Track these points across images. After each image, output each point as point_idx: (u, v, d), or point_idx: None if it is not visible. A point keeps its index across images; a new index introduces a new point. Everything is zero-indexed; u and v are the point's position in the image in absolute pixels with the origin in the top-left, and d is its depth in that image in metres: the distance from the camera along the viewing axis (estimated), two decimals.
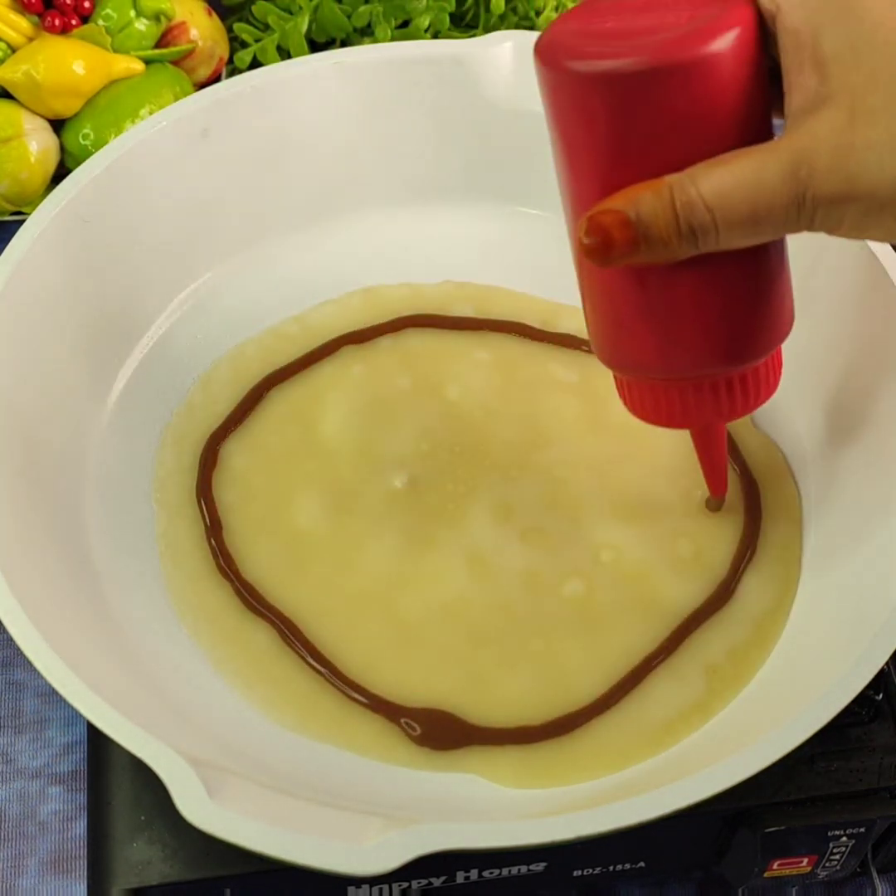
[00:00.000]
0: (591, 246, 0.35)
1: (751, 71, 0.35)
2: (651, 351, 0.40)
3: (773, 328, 0.40)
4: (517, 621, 0.47)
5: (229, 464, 0.51)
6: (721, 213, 0.33)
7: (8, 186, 0.61)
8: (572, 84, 0.35)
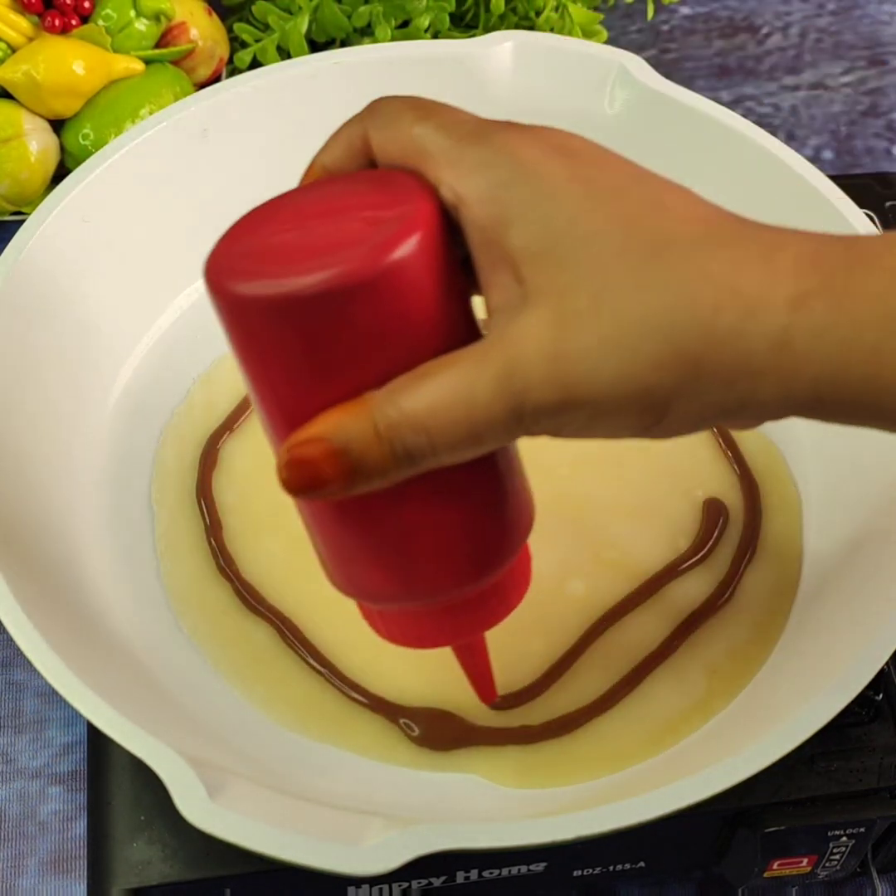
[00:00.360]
0: (295, 481, 0.31)
1: (440, 270, 0.31)
2: (387, 579, 0.35)
3: (515, 528, 0.37)
4: (518, 621, 0.47)
5: (229, 464, 0.51)
6: (437, 433, 0.30)
7: (8, 186, 0.61)
8: (251, 309, 0.31)
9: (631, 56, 0.53)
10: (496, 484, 0.35)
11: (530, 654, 0.46)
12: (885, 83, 0.78)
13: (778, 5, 0.82)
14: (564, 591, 0.48)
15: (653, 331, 0.29)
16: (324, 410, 0.31)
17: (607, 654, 0.46)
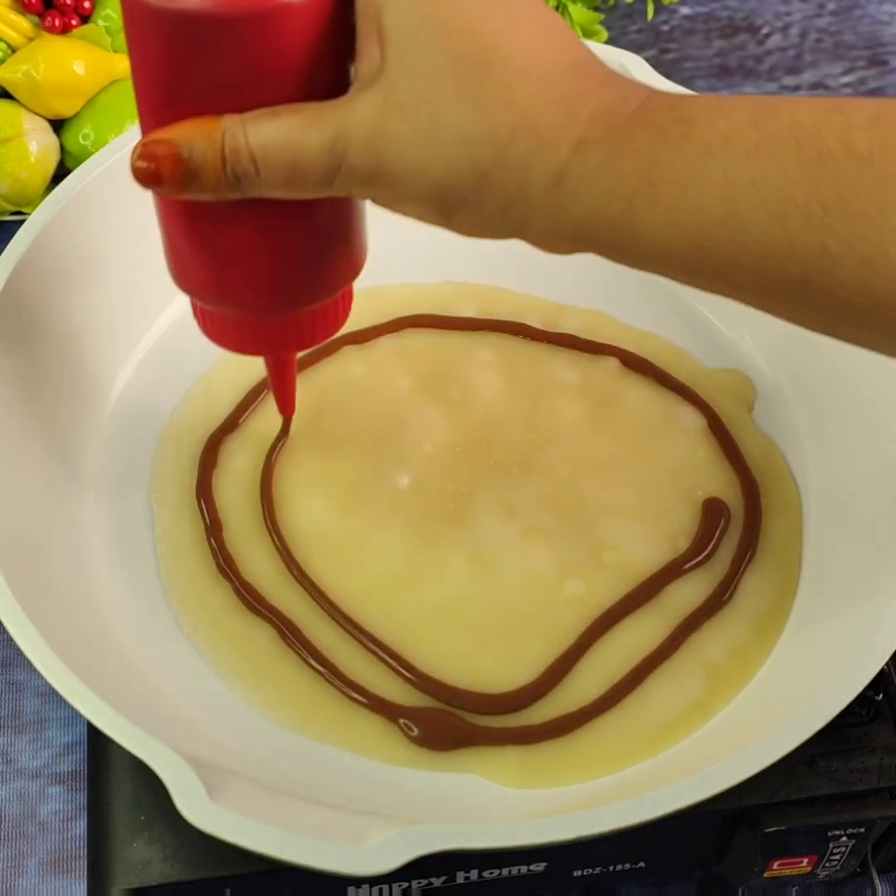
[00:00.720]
0: (142, 171, 0.35)
1: (325, 28, 0.34)
2: (203, 279, 0.40)
3: (325, 277, 0.40)
4: (518, 621, 0.47)
5: (229, 464, 0.51)
6: (264, 166, 0.34)
7: (8, 186, 0.61)
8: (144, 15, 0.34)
9: (631, 56, 0.53)
10: (315, 230, 0.39)
11: (530, 654, 0.46)
12: (885, 83, 0.78)
13: (778, 5, 0.82)
14: (564, 592, 0.48)
15: (456, 138, 0.32)
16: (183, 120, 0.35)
17: (607, 655, 0.46)
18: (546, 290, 0.56)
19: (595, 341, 0.55)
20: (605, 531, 0.49)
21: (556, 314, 0.56)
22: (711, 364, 0.55)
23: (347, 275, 0.41)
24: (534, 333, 0.55)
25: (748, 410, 0.54)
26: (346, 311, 0.43)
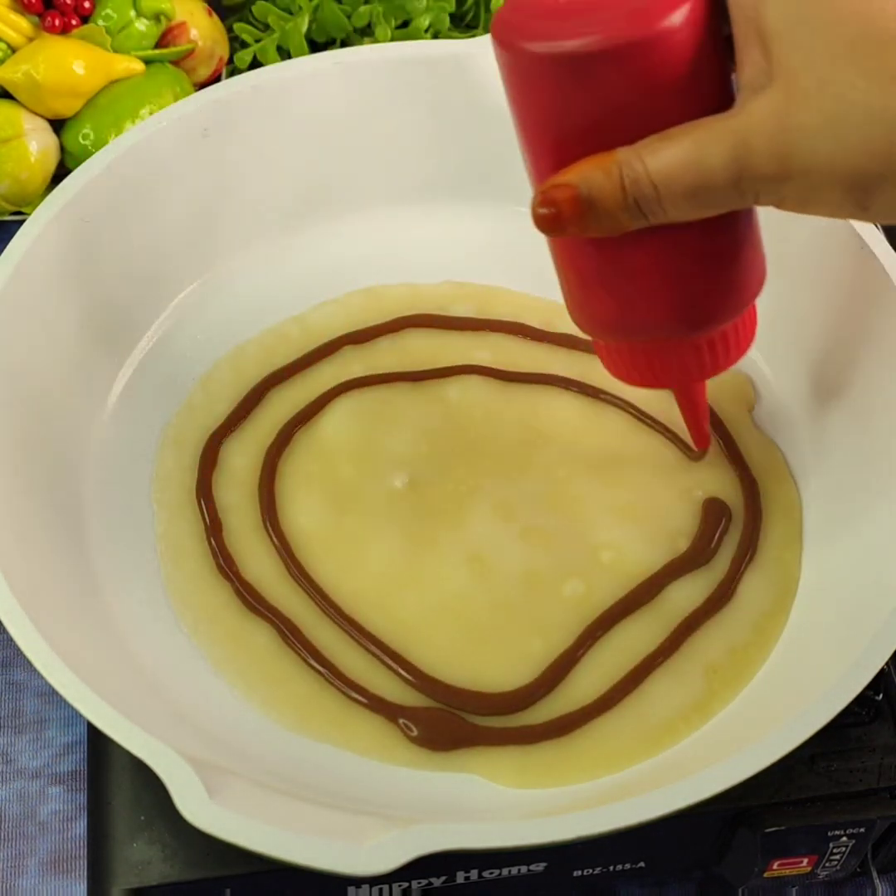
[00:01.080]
0: (543, 218, 0.36)
1: (704, 44, 0.35)
2: (615, 315, 0.41)
3: (734, 295, 0.40)
4: (517, 621, 0.47)
5: (229, 464, 0.51)
6: (665, 190, 0.34)
7: (8, 186, 0.61)
8: (527, 64, 0.35)
9: None
10: (718, 251, 0.39)
11: (530, 654, 0.46)
12: None
13: None
14: (564, 592, 0.48)
15: (870, 118, 0.32)
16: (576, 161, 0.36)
17: (607, 655, 0.46)
18: (545, 290, 0.56)
19: None
20: (604, 531, 0.49)
21: (556, 314, 0.56)
22: None
23: (755, 287, 0.41)
24: (533, 333, 0.55)
25: (748, 410, 0.53)
26: (754, 327, 0.43)
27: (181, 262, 0.56)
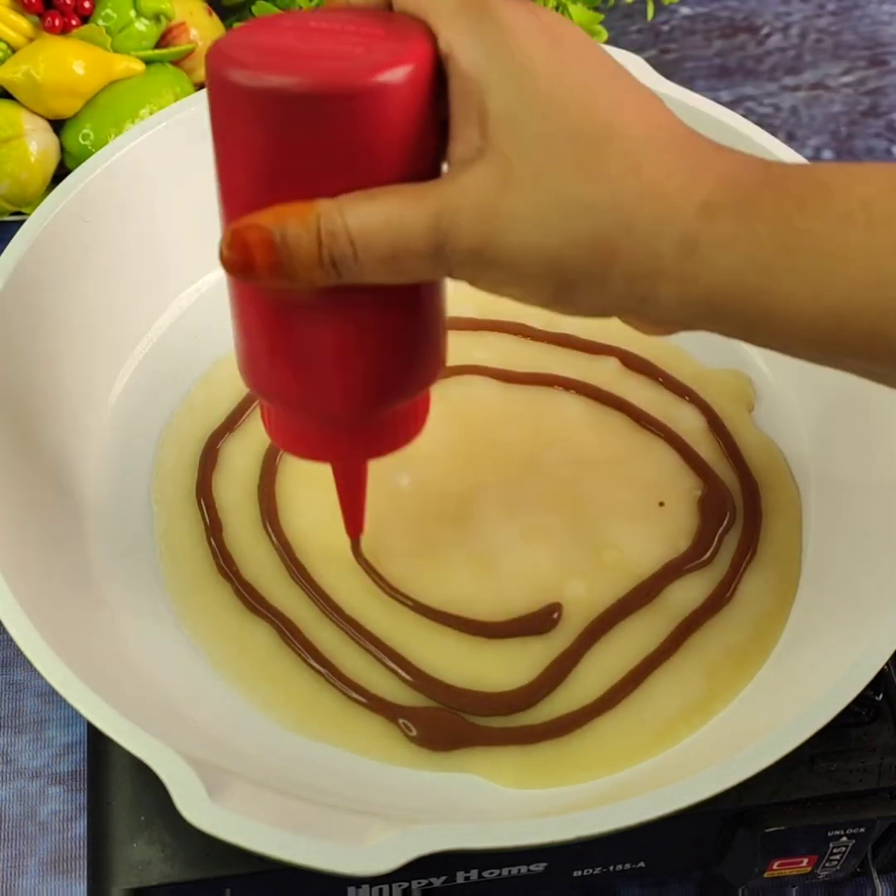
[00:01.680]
0: (232, 261, 0.34)
1: (420, 109, 0.33)
2: (287, 386, 0.38)
3: (417, 375, 0.39)
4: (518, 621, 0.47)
5: (229, 464, 0.51)
6: (363, 249, 0.33)
7: (8, 186, 0.61)
8: (231, 94, 0.33)
9: (631, 56, 0.53)
10: (409, 327, 0.37)
11: (530, 654, 0.46)
12: (885, 83, 0.78)
13: (778, 5, 0.82)
14: (564, 592, 0.48)
15: (581, 212, 0.32)
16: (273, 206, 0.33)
17: (607, 655, 0.46)
18: None
19: (595, 341, 0.55)
20: (605, 531, 0.49)
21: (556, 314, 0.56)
22: (711, 364, 0.55)
23: (435, 369, 0.39)
24: (534, 333, 0.55)
25: (748, 410, 0.54)
26: (426, 411, 0.41)
27: (181, 262, 0.56)
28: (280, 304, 0.36)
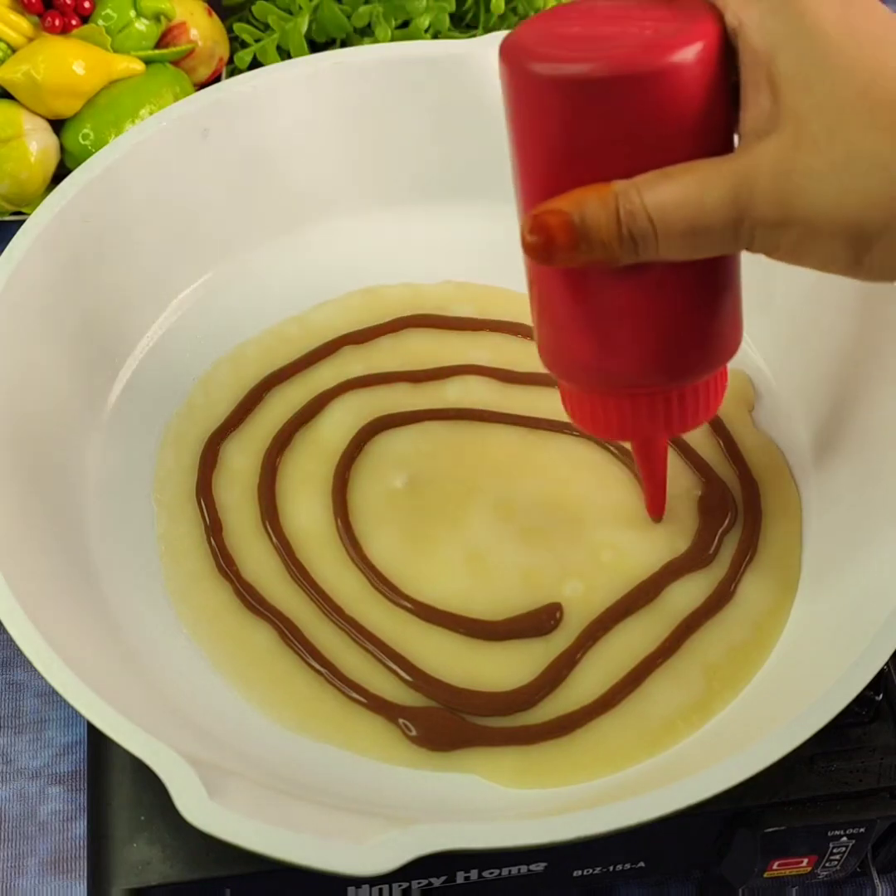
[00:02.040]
0: (533, 244, 0.35)
1: (711, 86, 0.34)
2: (589, 359, 0.39)
3: (715, 348, 0.39)
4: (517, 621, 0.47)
5: (229, 464, 0.51)
6: (661, 225, 0.34)
7: (8, 186, 0.61)
8: (532, 85, 0.35)
9: None
10: (706, 301, 0.38)
11: (530, 654, 0.46)
12: None
13: None
14: (564, 592, 0.48)
15: (877, 168, 0.32)
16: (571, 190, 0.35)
17: (607, 655, 0.46)
18: None
19: None
20: (604, 531, 0.49)
21: None
22: None
23: (734, 345, 0.40)
24: (533, 333, 0.55)
25: (748, 410, 0.53)
26: (723, 389, 0.42)
27: (181, 263, 0.56)
28: (578, 280, 0.37)
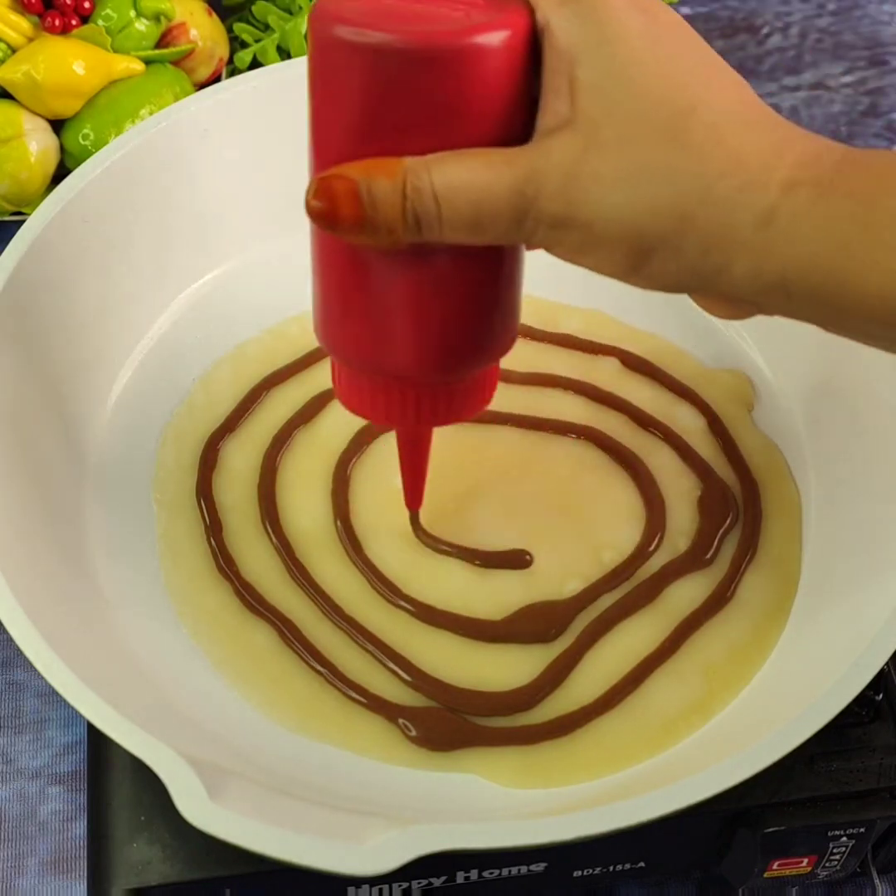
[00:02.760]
0: (317, 210, 0.34)
1: (514, 77, 0.34)
2: (363, 343, 0.39)
3: (491, 345, 0.39)
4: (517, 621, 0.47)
5: (229, 464, 0.51)
6: (447, 207, 0.33)
7: (8, 186, 0.61)
8: (335, 49, 0.34)
9: None
10: (488, 296, 0.38)
11: (530, 654, 0.46)
12: (885, 83, 0.78)
13: (778, 5, 0.82)
14: (564, 592, 0.48)
15: (661, 177, 0.32)
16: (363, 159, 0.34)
17: (607, 655, 0.46)
18: (546, 291, 0.56)
19: (595, 341, 0.55)
20: (604, 531, 0.49)
21: (556, 314, 0.56)
22: (711, 364, 0.55)
23: (508, 343, 0.40)
24: (534, 333, 0.55)
25: (748, 410, 0.54)
26: (494, 386, 0.42)
27: (181, 263, 0.56)
28: (359, 258, 0.37)
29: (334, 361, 0.41)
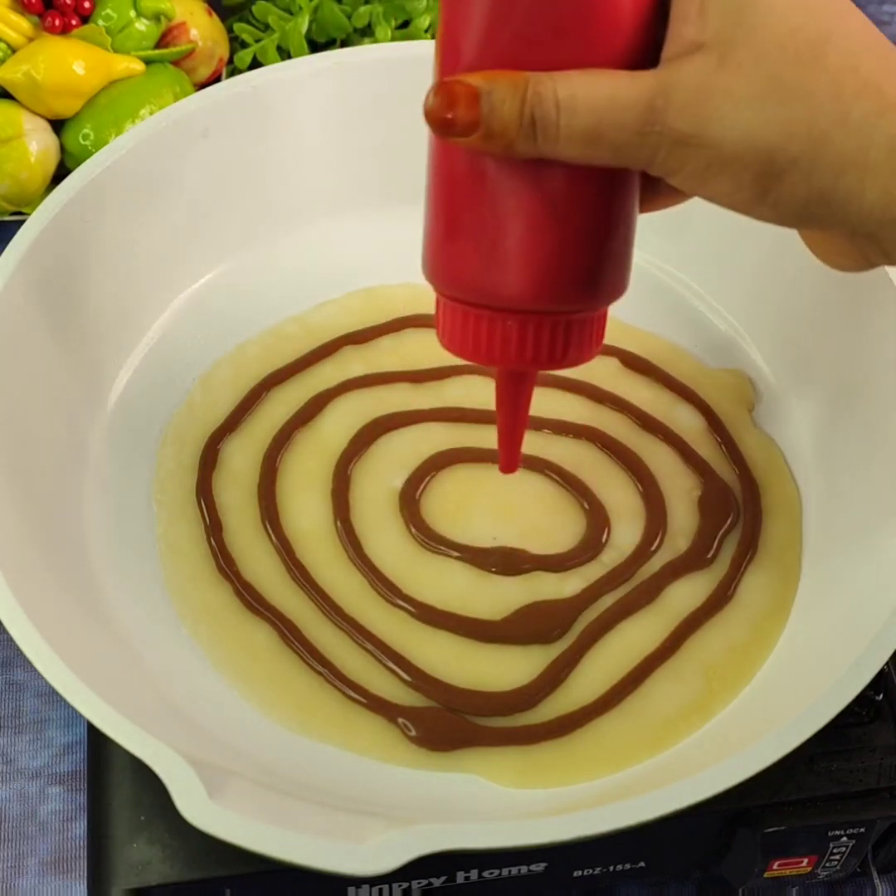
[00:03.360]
0: (435, 108, 0.34)
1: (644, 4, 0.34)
2: (475, 265, 0.37)
3: (601, 284, 0.38)
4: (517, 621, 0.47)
5: (229, 464, 0.51)
6: (566, 114, 0.33)
7: (8, 186, 0.61)
8: None
9: None
10: (601, 227, 0.37)
11: (530, 654, 0.46)
12: None
13: None
14: (564, 592, 0.48)
15: (798, 97, 0.32)
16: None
17: (607, 655, 0.46)
18: None
19: None
20: (604, 531, 0.49)
21: None
22: (711, 364, 0.55)
23: (620, 288, 0.39)
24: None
25: (748, 410, 0.54)
26: (601, 338, 0.41)
27: (181, 263, 0.56)
28: (475, 172, 0.36)
29: (440, 301, 0.40)
